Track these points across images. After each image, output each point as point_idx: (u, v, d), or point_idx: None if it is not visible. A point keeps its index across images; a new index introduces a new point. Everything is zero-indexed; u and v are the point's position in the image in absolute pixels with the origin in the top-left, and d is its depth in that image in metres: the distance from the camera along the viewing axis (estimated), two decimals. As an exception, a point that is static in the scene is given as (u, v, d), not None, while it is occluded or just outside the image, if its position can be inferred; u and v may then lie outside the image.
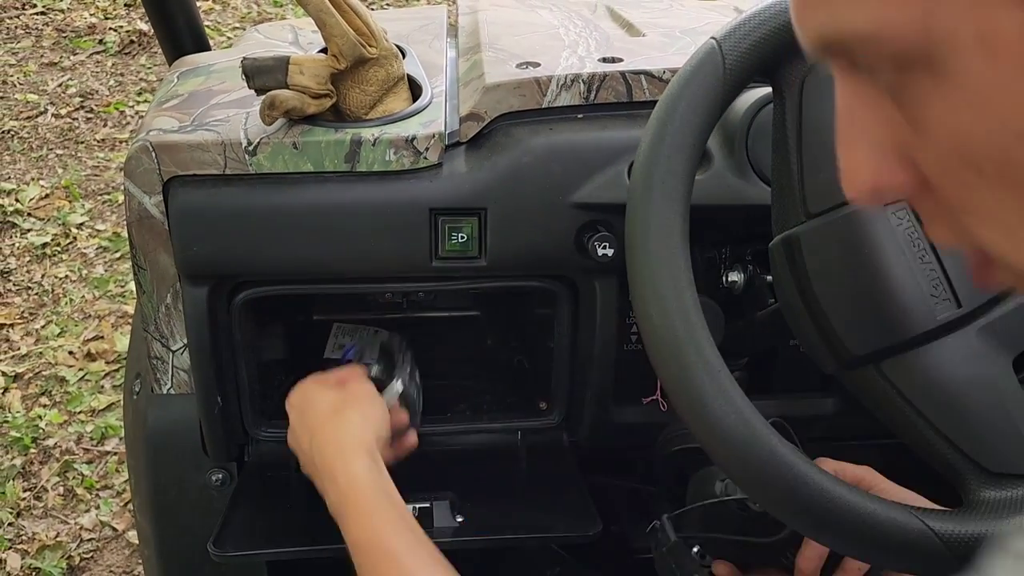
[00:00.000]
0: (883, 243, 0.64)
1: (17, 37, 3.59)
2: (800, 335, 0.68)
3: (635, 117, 0.86)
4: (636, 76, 0.86)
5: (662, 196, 0.63)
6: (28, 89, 3.29)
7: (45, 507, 1.87)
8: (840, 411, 0.96)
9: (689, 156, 0.64)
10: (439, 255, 0.84)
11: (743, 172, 0.83)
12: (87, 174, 2.90)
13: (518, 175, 0.83)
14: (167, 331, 0.90)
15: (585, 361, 0.92)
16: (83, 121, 3.15)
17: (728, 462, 0.60)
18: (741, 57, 0.64)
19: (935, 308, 0.63)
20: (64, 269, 2.52)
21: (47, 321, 2.35)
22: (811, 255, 0.65)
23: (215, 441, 0.92)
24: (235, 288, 0.87)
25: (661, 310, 0.61)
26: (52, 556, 1.76)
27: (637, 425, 0.96)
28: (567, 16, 1.06)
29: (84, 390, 2.14)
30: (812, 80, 0.66)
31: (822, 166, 0.66)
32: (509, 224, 0.83)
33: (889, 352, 0.63)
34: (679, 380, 0.60)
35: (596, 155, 0.83)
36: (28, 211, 2.72)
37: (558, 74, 0.85)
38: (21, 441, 1.99)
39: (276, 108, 0.79)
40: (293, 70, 0.80)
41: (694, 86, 0.64)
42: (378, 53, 0.83)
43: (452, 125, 0.86)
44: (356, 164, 0.82)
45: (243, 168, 0.82)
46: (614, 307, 0.89)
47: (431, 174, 0.83)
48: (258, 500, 0.92)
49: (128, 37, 3.59)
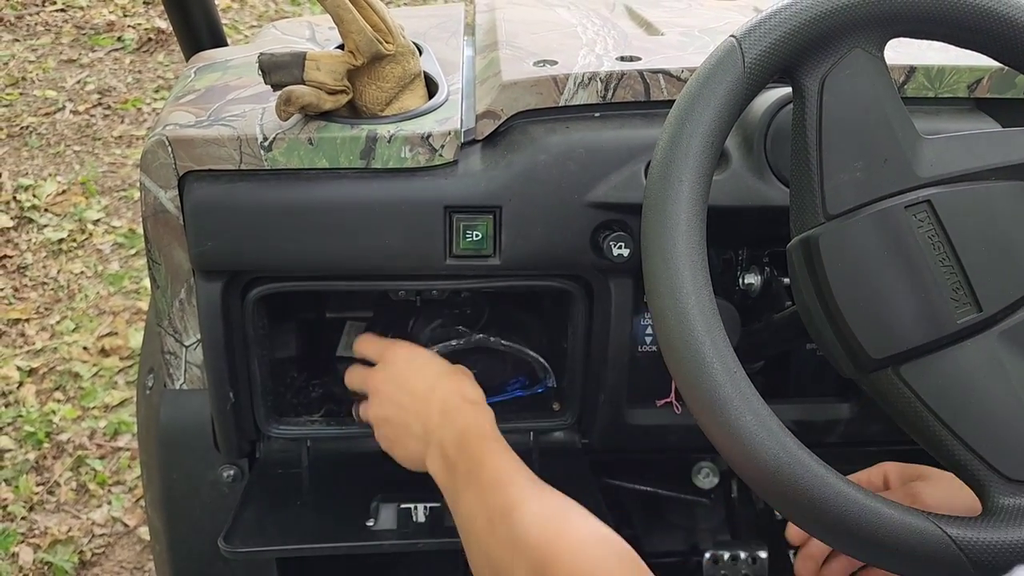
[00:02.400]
0: (903, 245, 0.63)
1: (37, 34, 3.61)
2: (817, 338, 0.67)
3: (653, 116, 0.85)
4: (654, 75, 0.85)
5: (679, 196, 0.62)
6: (47, 85, 3.31)
7: (58, 502, 1.88)
8: (857, 415, 0.95)
9: (707, 156, 0.64)
10: (453, 253, 0.84)
11: (761, 173, 0.82)
12: (104, 170, 2.92)
13: (534, 174, 0.82)
14: (181, 326, 0.90)
15: (599, 362, 0.91)
16: (100, 118, 3.16)
17: (744, 465, 0.59)
18: (761, 56, 0.64)
19: (955, 312, 0.62)
20: (80, 265, 2.53)
21: (62, 316, 2.36)
22: (829, 257, 0.64)
23: (227, 437, 0.92)
24: (249, 284, 0.87)
25: (678, 311, 0.60)
26: (64, 551, 1.77)
27: (651, 427, 0.95)
28: (585, 15, 1.05)
29: (98, 386, 2.15)
30: (833, 80, 0.65)
31: (842, 167, 0.65)
32: (524, 223, 0.83)
33: (908, 356, 0.63)
34: (695, 382, 0.59)
35: (613, 154, 0.83)
36: (45, 207, 2.74)
37: (575, 72, 0.85)
38: (35, 435, 2.00)
39: (292, 104, 0.79)
40: (310, 66, 0.80)
41: (713, 85, 0.64)
42: (395, 50, 0.83)
43: (468, 123, 0.85)
44: (371, 161, 0.82)
45: (258, 163, 0.82)
46: (629, 308, 0.89)
47: (446, 171, 0.83)
48: (269, 497, 0.92)
49: (146, 35, 3.61)
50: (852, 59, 0.65)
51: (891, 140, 0.66)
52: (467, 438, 0.77)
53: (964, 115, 0.88)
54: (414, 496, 0.89)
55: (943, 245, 0.63)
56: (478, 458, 0.74)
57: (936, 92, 0.87)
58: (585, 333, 0.91)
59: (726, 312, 0.83)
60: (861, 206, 0.64)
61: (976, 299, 0.62)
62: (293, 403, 1.00)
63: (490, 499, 0.69)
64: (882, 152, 0.65)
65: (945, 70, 0.87)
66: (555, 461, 0.97)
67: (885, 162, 0.65)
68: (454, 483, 0.74)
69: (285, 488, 0.94)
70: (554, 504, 0.67)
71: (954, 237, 0.63)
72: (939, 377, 0.62)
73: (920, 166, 0.66)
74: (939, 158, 0.66)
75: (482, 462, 0.73)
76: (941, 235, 0.63)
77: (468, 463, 0.74)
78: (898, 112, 0.66)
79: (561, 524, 0.64)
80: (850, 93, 0.65)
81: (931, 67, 0.86)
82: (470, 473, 0.73)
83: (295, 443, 0.97)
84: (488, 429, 0.78)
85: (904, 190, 0.65)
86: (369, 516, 0.89)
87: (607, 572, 0.59)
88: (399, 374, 0.85)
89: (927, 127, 0.68)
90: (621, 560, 0.60)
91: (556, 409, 0.98)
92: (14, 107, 3.19)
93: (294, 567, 1.01)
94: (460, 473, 0.74)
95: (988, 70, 0.87)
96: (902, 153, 0.65)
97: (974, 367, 0.62)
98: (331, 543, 0.87)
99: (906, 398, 0.63)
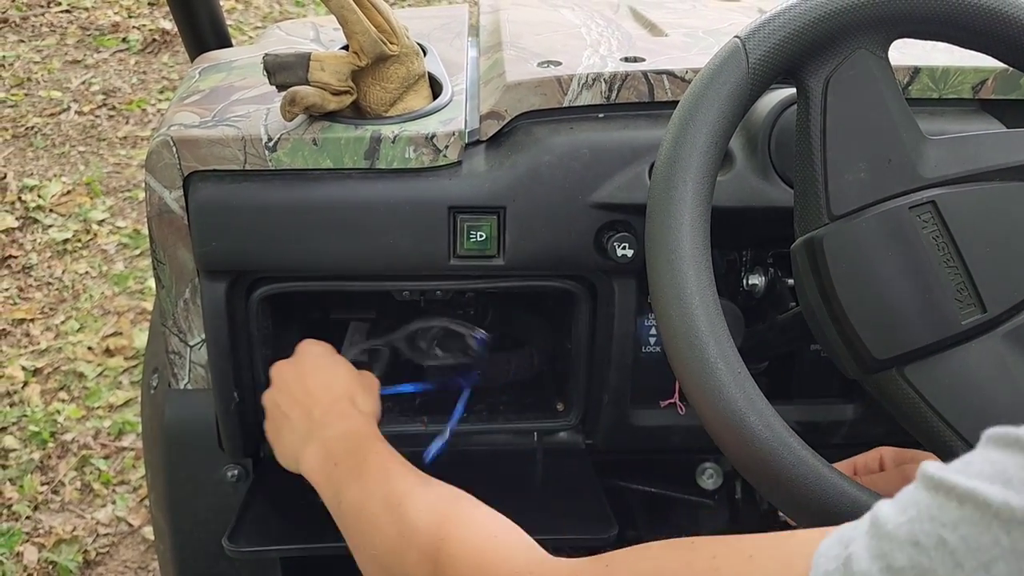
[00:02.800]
0: (907, 246, 0.63)
1: (42, 35, 3.62)
2: (821, 339, 0.67)
3: (657, 117, 0.85)
4: (658, 76, 0.85)
5: (683, 197, 0.62)
6: (52, 86, 3.32)
7: (62, 501, 1.88)
8: (861, 416, 0.95)
9: (711, 157, 0.64)
10: (457, 253, 0.84)
11: (765, 173, 0.82)
12: (108, 171, 2.92)
13: (538, 174, 0.82)
14: (185, 326, 0.90)
15: (603, 362, 0.91)
16: (105, 118, 3.17)
17: (748, 466, 0.59)
18: (765, 56, 0.64)
19: (960, 313, 0.62)
20: (84, 265, 2.54)
21: (67, 316, 2.37)
22: (834, 258, 0.64)
23: (231, 437, 0.93)
24: (253, 284, 0.87)
25: (682, 312, 0.60)
26: (68, 550, 1.77)
27: (655, 428, 0.95)
28: (589, 15, 1.05)
29: (102, 385, 2.15)
30: (837, 81, 0.65)
31: (846, 168, 0.65)
32: (528, 223, 0.83)
33: (912, 357, 0.63)
34: (699, 383, 0.59)
35: (617, 155, 0.83)
36: (50, 207, 2.74)
37: (579, 73, 0.85)
38: (39, 435, 2.01)
39: (297, 104, 0.79)
40: (314, 66, 0.80)
41: (717, 85, 0.64)
42: (399, 50, 0.83)
43: (472, 123, 0.85)
44: (376, 161, 0.82)
45: (263, 164, 0.82)
46: (633, 308, 0.89)
47: (450, 172, 0.83)
48: (273, 496, 0.93)
49: (151, 36, 3.62)
50: (856, 60, 0.65)
51: (895, 141, 0.65)
52: (353, 437, 0.77)
53: (968, 116, 0.88)
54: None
55: (948, 246, 0.63)
56: (363, 454, 0.74)
57: (940, 93, 0.87)
58: (589, 334, 0.91)
59: (730, 313, 0.83)
60: (865, 207, 0.64)
61: (981, 300, 0.62)
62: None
63: (377, 491, 0.69)
64: (886, 153, 0.65)
65: (949, 71, 0.87)
66: (559, 462, 0.97)
67: (889, 163, 0.65)
68: (336, 480, 0.74)
69: (289, 488, 0.94)
70: (443, 491, 0.67)
71: (958, 238, 0.63)
72: (944, 378, 0.62)
73: (924, 167, 0.66)
74: (943, 159, 0.66)
75: (367, 458, 0.73)
76: (945, 236, 0.63)
77: (354, 459, 0.74)
78: (902, 113, 0.66)
79: (451, 507, 0.63)
80: (854, 94, 0.65)
81: (935, 68, 0.86)
82: (355, 468, 0.73)
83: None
84: (374, 433, 0.78)
85: (908, 191, 0.65)
86: (373, 516, 0.89)
87: (503, 548, 0.58)
88: (302, 368, 0.85)
89: (931, 128, 0.68)
90: (514, 538, 0.59)
91: (560, 410, 0.98)
92: (19, 108, 3.20)
93: (298, 566, 1.01)
94: (344, 469, 0.74)
95: (992, 71, 0.87)
96: (906, 154, 0.65)
97: (979, 368, 0.62)
98: (335, 543, 0.87)
99: (910, 399, 0.63)
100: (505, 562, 0.56)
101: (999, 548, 0.32)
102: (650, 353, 0.94)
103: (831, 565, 0.36)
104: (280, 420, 0.84)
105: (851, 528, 0.37)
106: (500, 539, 0.58)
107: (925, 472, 0.36)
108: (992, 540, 0.32)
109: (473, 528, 0.60)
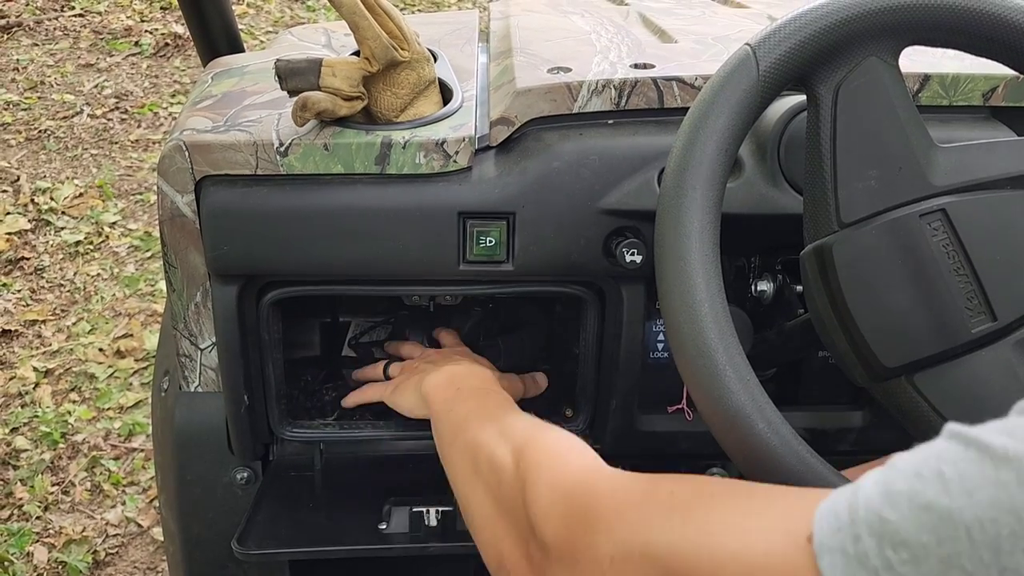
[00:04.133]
0: (917, 254, 0.63)
1: (55, 38, 3.65)
2: (830, 346, 0.67)
3: (666, 124, 0.85)
4: (668, 82, 0.85)
5: (692, 203, 0.62)
6: (65, 89, 3.34)
7: (72, 502, 1.89)
8: (869, 424, 0.95)
9: (721, 163, 0.64)
10: (467, 259, 0.84)
11: (775, 180, 0.82)
12: (120, 174, 2.94)
13: (547, 180, 0.83)
14: (196, 329, 0.90)
15: (611, 368, 0.91)
16: (118, 122, 3.19)
17: (755, 471, 0.59)
18: (775, 64, 0.64)
19: (970, 321, 0.62)
20: (96, 267, 2.55)
21: (78, 318, 2.38)
22: (843, 265, 0.64)
23: (241, 439, 0.93)
24: (264, 288, 0.88)
25: (691, 318, 0.60)
26: (78, 550, 1.78)
27: (662, 434, 0.95)
28: (599, 22, 1.05)
29: (113, 387, 2.16)
30: (847, 88, 0.65)
31: (856, 175, 0.65)
32: (537, 229, 0.83)
33: (922, 365, 0.62)
34: (708, 389, 0.59)
35: (626, 161, 0.83)
36: (62, 209, 2.76)
37: (589, 79, 0.85)
38: (50, 436, 2.02)
39: (308, 110, 0.80)
40: (326, 72, 0.80)
41: (727, 92, 0.64)
42: (410, 56, 0.84)
43: (482, 129, 0.86)
44: (386, 166, 0.83)
45: (274, 169, 0.82)
46: (641, 314, 0.89)
47: (460, 178, 0.83)
48: (282, 499, 0.93)
49: (163, 40, 3.64)
50: (867, 67, 0.65)
51: (906, 148, 0.65)
52: (480, 377, 0.86)
53: (979, 123, 0.88)
54: (426, 500, 0.90)
55: (957, 254, 0.63)
56: (486, 391, 0.83)
57: (951, 100, 0.87)
58: (597, 339, 0.91)
59: (739, 319, 0.83)
60: (875, 214, 0.64)
61: (991, 308, 0.62)
62: (307, 406, 1.00)
63: (488, 413, 0.76)
64: (896, 160, 0.65)
65: (960, 78, 0.86)
66: (567, 467, 0.97)
67: (899, 170, 0.65)
68: (451, 399, 0.81)
69: (298, 491, 0.94)
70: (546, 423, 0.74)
71: (969, 246, 0.63)
72: (953, 386, 0.62)
73: (935, 175, 0.65)
74: (954, 167, 0.66)
75: (488, 395, 0.81)
76: (956, 244, 0.63)
77: (475, 390, 0.82)
78: (913, 120, 0.66)
79: (547, 429, 0.70)
80: (864, 101, 0.65)
81: (946, 75, 0.86)
82: (474, 396, 0.81)
83: (308, 446, 0.97)
84: (499, 387, 0.86)
85: (919, 199, 0.65)
86: (381, 519, 0.89)
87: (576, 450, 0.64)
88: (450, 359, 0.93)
89: (942, 135, 0.68)
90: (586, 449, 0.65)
91: (568, 415, 0.98)
92: (32, 111, 3.22)
93: (306, 569, 1.01)
94: (464, 393, 0.82)
95: (1003, 78, 0.87)
96: (916, 161, 0.65)
97: (989, 376, 0.62)
98: (343, 546, 0.88)
99: (920, 407, 0.63)
100: (579, 456, 0.63)
101: (984, 478, 0.35)
102: (658, 359, 0.94)
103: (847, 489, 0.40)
104: (411, 372, 0.91)
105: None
106: (575, 444, 0.65)
107: (947, 427, 0.40)
108: (980, 471, 0.36)
109: (554, 434, 0.68)
